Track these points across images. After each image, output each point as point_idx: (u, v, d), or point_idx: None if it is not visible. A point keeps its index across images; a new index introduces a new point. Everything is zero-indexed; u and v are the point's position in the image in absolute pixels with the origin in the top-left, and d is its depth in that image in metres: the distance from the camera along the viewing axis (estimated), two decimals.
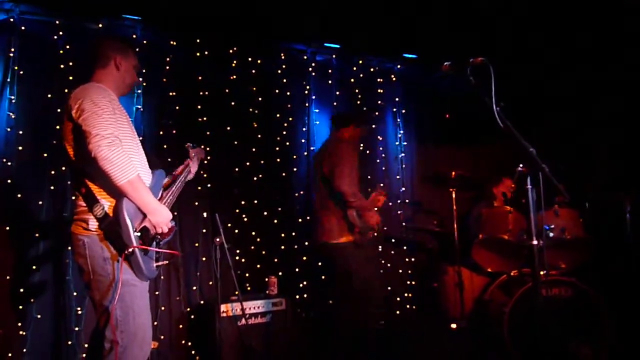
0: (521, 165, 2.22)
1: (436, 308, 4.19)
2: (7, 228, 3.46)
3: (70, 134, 2.24)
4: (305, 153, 4.57)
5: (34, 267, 3.51)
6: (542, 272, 3.68)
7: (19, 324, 3.41)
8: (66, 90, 3.39)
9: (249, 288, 4.18)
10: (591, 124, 4.54)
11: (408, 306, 4.70)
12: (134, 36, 3.95)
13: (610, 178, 4.42)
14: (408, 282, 4.77)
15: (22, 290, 3.45)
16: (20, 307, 3.43)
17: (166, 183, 2.57)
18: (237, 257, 4.14)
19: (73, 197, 2.52)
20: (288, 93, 4.56)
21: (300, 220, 4.45)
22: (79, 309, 3.56)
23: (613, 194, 4.10)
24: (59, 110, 3.49)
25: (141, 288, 2.29)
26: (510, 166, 2.91)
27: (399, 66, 5.06)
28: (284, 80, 4.54)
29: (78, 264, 2.28)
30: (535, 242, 2.13)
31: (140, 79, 3.92)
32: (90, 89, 2.26)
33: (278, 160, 4.46)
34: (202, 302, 4.02)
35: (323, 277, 4.23)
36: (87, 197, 2.22)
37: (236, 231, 4.18)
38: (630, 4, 3.85)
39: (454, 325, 4.02)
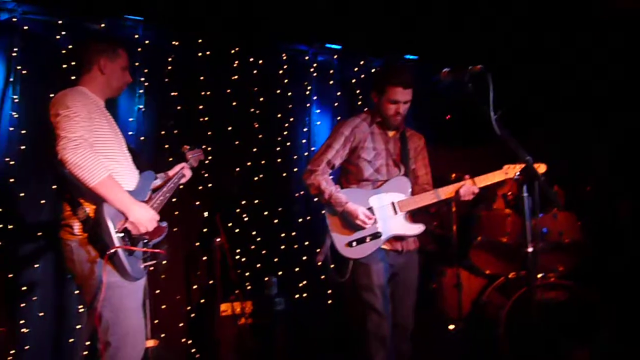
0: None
1: (434, 309, 4.20)
2: (10, 227, 3.49)
3: (53, 139, 2.25)
4: (306, 153, 4.58)
5: (35, 266, 3.54)
6: (539, 275, 3.70)
7: (21, 322, 3.45)
8: None
9: (248, 287, 4.21)
10: (591, 129, 4.54)
11: None
12: (136, 36, 3.96)
13: (609, 183, 4.42)
14: None
15: (24, 288, 3.48)
16: (22, 304, 3.47)
17: (156, 185, 2.56)
18: (237, 257, 4.17)
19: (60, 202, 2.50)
20: (289, 93, 4.57)
21: (300, 220, 4.47)
22: (80, 307, 3.59)
23: (611, 199, 4.11)
24: None
25: (130, 289, 2.27)
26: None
27: None
28: (285, 81, 4.55)
29: (69, 268, 2.30)
30: (530, 249, 2.14)
31: (143, 79, 3.94)
32: (68, 93, 2.27)
33: (279, 160, 4.47)
34: (202, 301, 4.06)
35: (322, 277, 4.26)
36: (71, 201, 2.23)
37: (236, 231, 4.20)
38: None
39: (451, 327, 4.03)
